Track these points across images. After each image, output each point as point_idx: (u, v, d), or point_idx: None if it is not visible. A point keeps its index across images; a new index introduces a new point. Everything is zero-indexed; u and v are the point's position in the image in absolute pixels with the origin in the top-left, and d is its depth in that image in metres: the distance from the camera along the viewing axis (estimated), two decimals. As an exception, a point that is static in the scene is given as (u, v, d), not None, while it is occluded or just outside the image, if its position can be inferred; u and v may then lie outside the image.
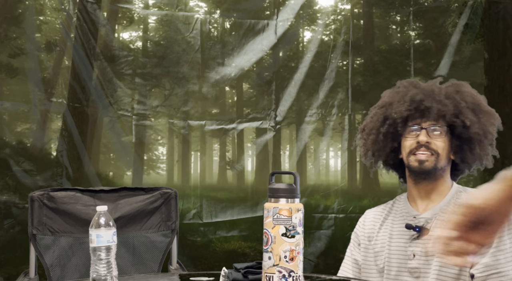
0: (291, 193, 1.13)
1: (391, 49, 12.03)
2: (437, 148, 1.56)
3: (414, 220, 1.58)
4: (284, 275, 1.11)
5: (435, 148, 1.56)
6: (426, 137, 1.55)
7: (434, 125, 1.55)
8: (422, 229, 1.54)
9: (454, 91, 1.56)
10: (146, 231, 2.28)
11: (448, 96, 1.55)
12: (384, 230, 1.64)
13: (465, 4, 7.25)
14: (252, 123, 8.52)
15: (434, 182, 1.58)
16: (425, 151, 1.56)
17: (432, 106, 1.55)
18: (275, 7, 8.49)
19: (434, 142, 1.55)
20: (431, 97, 1.56)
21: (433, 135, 1.55)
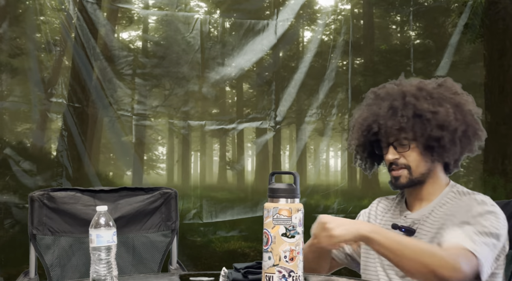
0: (291, 193, 1.13)
1: (391, 49, 12.03)
2: (407, 162, 1.56)
3: (404, 218, 1.60)
4: (284, 275, 1.11)
5: (404, 163, 1.56)
6: (393, 154, 1.56)
7: (398, 139, 1.56)
8: (408, 230, 1.55)
9: (400, 104, 1.55)
10: (146, 231, 2.28)
11: (394, 112, 1.55)
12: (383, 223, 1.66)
13: (465, 4, 7.24)
14: (252, 123, 8.53)
15: (422, 186, 1.59)
16: (396, 167, 1.57)
17: (380, 130, 1.56)
18: (275, 7, 8.49)
19: (402, 156, 1.56)
20: (377, 121, 1.56)
21: (400, 149, 1.56)
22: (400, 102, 1.54)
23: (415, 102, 1.52)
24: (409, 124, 1.51)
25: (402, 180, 1.57)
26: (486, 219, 1.45)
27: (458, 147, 1.52)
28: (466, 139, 1.53)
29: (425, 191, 1.59)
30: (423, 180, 1.57)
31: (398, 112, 1.52)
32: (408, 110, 1.51)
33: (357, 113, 1.66)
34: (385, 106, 1.55)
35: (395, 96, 1.56)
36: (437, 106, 1.51)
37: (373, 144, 1.62)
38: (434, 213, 1.55)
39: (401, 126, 1.52)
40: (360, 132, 1.61)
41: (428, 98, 1.53)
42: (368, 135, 1.59)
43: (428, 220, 1.55)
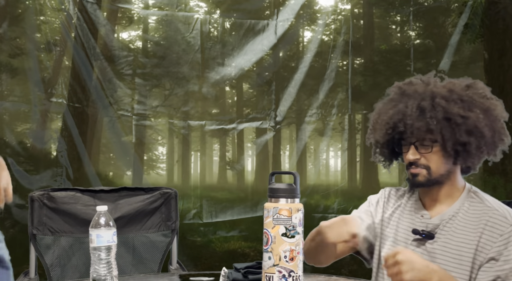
0: (291, 193, 1.13)
1: (391, 49, 12.03)
2: (427, 163, 1.54)
3: (421, 218, 1.57)
4: (284, 275, 1.11)
5: (424, 163, 1.54)
6: (414, 155, 1.54)
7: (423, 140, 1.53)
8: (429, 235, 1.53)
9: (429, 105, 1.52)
10: (146, 231, 2.28)
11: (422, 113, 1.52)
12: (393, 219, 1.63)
13: (465, 4, 7.24)
14: (252, 123, 8.53)
15: (440, 186, 1.56)
16: (416, 167, 1.55)
17: (406, 130, 1.54)
18: (275, 7, 8.49)
19: (423, 157, 1.54)
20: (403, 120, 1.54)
21: (422, 150, 1.54)
22: (429, 102, 1.49)
23: (445, 105, 1.48)
24: (437, 127, 1.47)
25: (420, 178, 1.53)
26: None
27: (484, 153, 1.50)
28: (491, 145, 1.50)
29: (442, 192, 1.55)
30: (441, 181, 1.53)
31: (426, 113, 1.48)
32: (438, 112, 1.47)
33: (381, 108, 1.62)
34: (413, 105, 1.51)
35: (423, 95, 1.52)
36: (467, 111, 1.48)
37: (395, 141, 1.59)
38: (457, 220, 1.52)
39: (429, 127, 1.48)
40: (384, 130, 1.56)
41: (459, 102, 1.49)
42: (393, 133, 1.56)
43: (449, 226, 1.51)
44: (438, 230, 1.52)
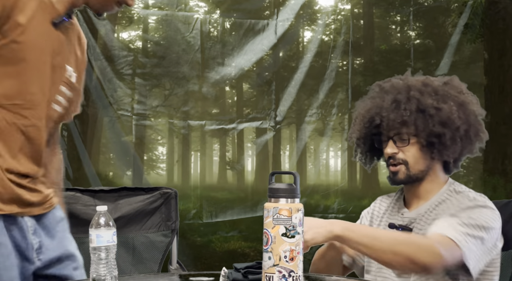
0: (291, 193, 1.13)
1: (391, 49, 12.03)
2: (405, 157, 1.55)
3: (401, 216, 1.60)
4: (284, 275, 1.11)
5: (402, 158, 1.56)
6: (392, 148, 1.56)
7: (399, 134, 1.55)
8: (405, 229, 1.55)
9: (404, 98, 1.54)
10: (146, 231, 2.28)
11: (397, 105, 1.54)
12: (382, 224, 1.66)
13: (465, 4, 7.24)
14: (252, 123, 8.53)
15: (420, 183, 1.58)
16: (394, 161, 1.57)
17: (382, 122, 1.56)
18: (275, 7, 8.50)
19: (401, 151, 1.55)
20: (379, 113, 1.56)
21: (399, 144, 1.56)
22: (404, 95, 1.53)
23: (419, 97, 1.51)
24: (411, 118, 1.51)
25: (400, 175, 1.56)
26: (474, 212, 1.45)
27: (458, 146, 1.52)
28: (467, 139, 1.53)
29: (422, 189, 1.59)
30: (421, 177, 1.56)
31: (401, 106, 1.52)
32: (412, 104, 1.51)
33: (360, 105, 1.66)
34: (389, 99, 1.54)
35: (399, 89, 1.56)
36: (441, 103, 1.51)
37: (373, 137, 1.61)
38: (429, 211, 1.55)
39: (403, 119, 1.51)
40: (362, 124, 1.60)
41: (433, 94, 1.53)
42: (370, 127, 1.59)
43: (424, 218, 1.55)
44: (415, 223, 1.54)
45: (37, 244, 1.48)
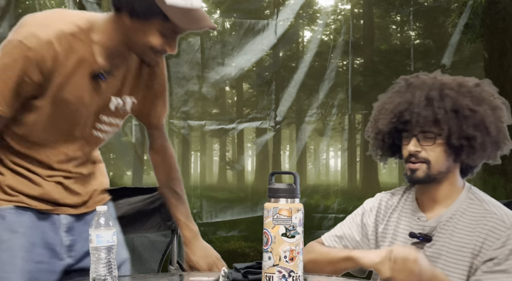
0: (291, 193, 1.13)
1: (391, 49, 12.04)
2: (428, 157, 1.49)
3: (417, 221, 1.55)
4: (284, 275, 1.11)
5: (425, 157, 1.50)
6: (415, 146, 1.50)
7: (424, 132, 1.50)
8: (426, 238, 1.51)
9: (437, 96, 1.49)
10: (146, 231, 2.28)
11: (429, 102, 1.49)
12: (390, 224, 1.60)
13: (465, 4, 7.24)
14: (252, 123, 8.54)
15: (438, 185, 1.52)
16: (416, 160, 1.52)
17: (411, 119, 1.50)
18: (275, 7, 8.50)
19: (424, 150, 1.51)
20: (409, 109, 1.51)
21: (424, 142, 1.51)
22: (438, 93, 1.45)
23: (454, 96, 1.45)
24: (445, 117, 1.43)
25: (419, 174, 1.49)
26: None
27: (486, 151, 1.47)
28: (495, 145, 1.47)
29: (441, 192, 1.52)
30: (440, 179, 1.49)
31: (434, 103, 1.44)
32: (446, 103, 1.44)
33: (385, 99, 1.58)
34: (421, 95, 1.47)
35: (432, 86, 1.48)
36: (476, 105, 1.44)
37: (395, 133, 1.55)
38: (454, 222, 1.49)
39: (436, 117, 1.44)
40: (388, 119, 1.52)
41: (468, 95, 1.46)
42: (397, 123, 1.51)
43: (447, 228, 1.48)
44: (436, 232, 1.48)
45: (69, 242, 1.50)
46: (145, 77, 1.55)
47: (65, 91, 1.39)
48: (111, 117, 1.53)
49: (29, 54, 1.32)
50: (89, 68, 1.40)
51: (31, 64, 1.33)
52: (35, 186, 1.47)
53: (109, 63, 1.43)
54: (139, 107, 1.59)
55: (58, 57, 1.35)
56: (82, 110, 1.45)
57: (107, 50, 1.41)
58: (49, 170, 1.48)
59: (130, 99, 1.54)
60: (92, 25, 1.41)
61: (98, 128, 1.52)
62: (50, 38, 1.34)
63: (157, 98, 1.61)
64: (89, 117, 1.48)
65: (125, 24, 1.37)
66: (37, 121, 1.43)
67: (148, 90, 1.58)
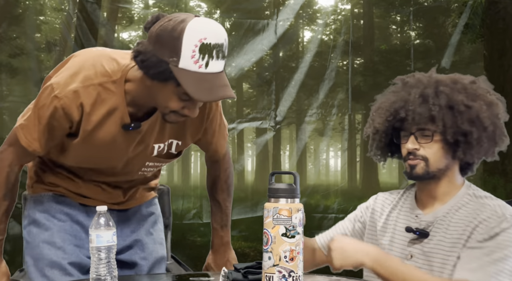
0: (291, 193, 1.13)
1: (391, 49, 12.04)
2: (426, 154, 1.51)
3: (416, 218, 1.56)
4: (284, 275, 1.11)
5: (423, 154, 1.51)
6: (413, 144, 1.51)
7: (422, 129, 1.52)
8: (423, 233, 1.52)
9: (432, 93, 1.51)
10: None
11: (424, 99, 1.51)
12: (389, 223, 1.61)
13: (465, 4, 7.24)
14: (252, 123, 8.54)
15: (437, 182, 1.54)
16: (414, 158, 1.53)
17: (407, 116, 1.52)
18: (275, 7, 8.50)
19: (422, 148, 1.52)
20: (404, 107, 1.52)
21: (422, 140, 1.52)
22: (433, 90, 1.46)
23: (449, 92, 1.46)
24: (440, 114, 1.44)
25: (418, 170, 1.50)
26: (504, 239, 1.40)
27: (484, 146, 1.48)
28: (491, 141, 1.48)
29: (439, 189, 1.53)
30: (439, 176, 1.51)
31: (429, 100, 1.46)
32: (441, 99, 1.45)
33: (381, 99, 1.60)
34: (416, 92, 1.48)
35: (427, 84, 1.50)
36: (471, 101, 1.46)
37: (393, 131, 1.57)
38: (450, 217, 1.50)
39: (431, 114, 1.45)
40: (384, 117, 1.54)
41: (463, 91, 1.48)
42: (393, 121, 1.53)
43: (443, 223, 1.49)
44: (433, 227, 1.50)
45: None
46: (192, 121, 1.48)
47: (95, 138, 1.41)
48: (155, 162, 1.53)
49: (56, 103, 1.36)
50: (119, 118, 1.40)
51: (59, 112, 1.37)
52: (74, 183, 1.55)
53: (140, 113, 1.42)
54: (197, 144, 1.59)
55: (84, 107, 1.37)
56: (118, 157, 1.47)
57: (137, 101, 1.39)
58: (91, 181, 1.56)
59: (175, 142, 1.51)
60: (124, 74, 1.38)
61: (143, 170, 1.55)
62: (78, 88, 1.36)
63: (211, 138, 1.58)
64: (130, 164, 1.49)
65: (147, 81, 1.32)
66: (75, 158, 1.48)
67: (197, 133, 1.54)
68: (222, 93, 1.28)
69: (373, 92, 1.76)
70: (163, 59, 1.25)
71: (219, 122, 1.57)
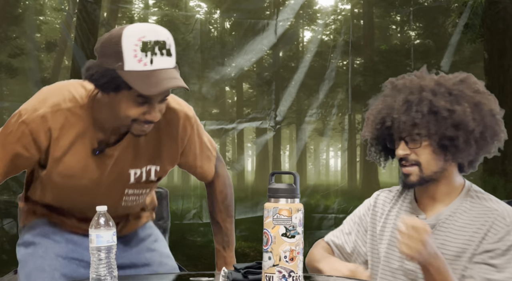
0: (291, 193, 1.13)
1: (391, 49, 12.03)
2: (418, 159, 1.50)
3: None
4: (284, 275, 1.11)
5: (415, 159, 1.51)
6: (404, 150, 1.51)
7: (411, 135, 1.51)
8: None
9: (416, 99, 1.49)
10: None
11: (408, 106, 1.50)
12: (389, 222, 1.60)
13: (465, 4, 7.24)
14: (252, 123, 8.53)
15: (435, 184, 1.53)
16: (406, 163, 1.53)
17: (393, 124, 1.52)
18: (275, 7, 8.50)
19: (414, 153, 1.51)
20: (390, 114, 1.52)
21: (412, 145, 1.52)
22: (417, 96, 1.46)
23: (432, 98, 1.45)
24: (423, 121, 1.45)
25: (413, 178, 1.50)
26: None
27: (473, 148, 1.46)
28: (482, 141, 1.47)
29: (439, 190, 1.52)
30: (436, 178, 1.50)
31: (412, 107, 1.45)
32: (423, 106, 1.45)
33: (373, 104, 1.60)
34: (400, 99, 1.48)
35: (412, 89, 1.49)
36: (455, 105, 1.45)
37: (386, 137, 1.57)
38: (454, 220, 1.48)
39: (414, 121, 1.45)
40: (373, 125, 1.54)
41: (446, 95, 1.47)
42: (382, 128, 1.53)
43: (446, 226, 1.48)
44: (435, 230, 1.49)
45: None
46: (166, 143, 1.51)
47: (66, 166, 1.40)
48: (135, 189, 1.52)
49: (23, 128, 1.36)
50: (89, 143, 1.40)
51: (26, 138, 1.37)
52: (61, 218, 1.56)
53: (112, 139, 1.42)
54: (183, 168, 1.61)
55: (52, 132, 1.37)
56: (92, 184, 1.45)
57: (104, 124, 1.40)
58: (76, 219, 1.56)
59: (153, 167, 1.51)
60: (91, 99, 1.41)
61: (125, 200, 1.53)
62: (45, 113, 1.36)
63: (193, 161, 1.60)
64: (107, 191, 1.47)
65: (104, 98, 1.35)
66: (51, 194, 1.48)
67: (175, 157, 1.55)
68: (169, 84, 1.30)
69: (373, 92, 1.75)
70: (109, 68, 1.28)
71: (199, 145, 1.59)
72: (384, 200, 1.65)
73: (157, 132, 1.47)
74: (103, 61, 1.31)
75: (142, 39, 1.28)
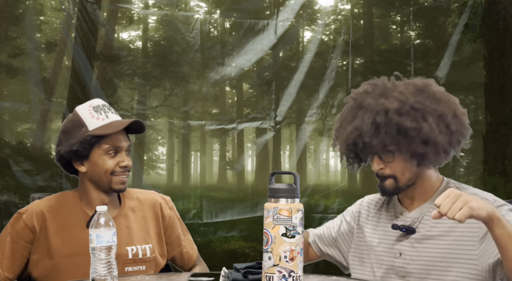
0: (291, 193, 1.13)
1: (391, 49, 12.02)
2: (392, 172, 1.54)
3: (401, 216, 1.58)
4: (284, 275, 1.11)
5: (389, 173, 1.55)
6: (378, 164, 1.55)
7: (383, 152, 1.54)
8: (408, 230, 1.54)
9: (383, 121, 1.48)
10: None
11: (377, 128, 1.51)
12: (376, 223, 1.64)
13: (465, 4, 7.24)
14: (252, 123, 8.53)
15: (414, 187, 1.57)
16: (382, 176, 1.56)
17: (364, 147, 1.55)
18: (275, 7, 8.50)
19: (388, 167, 1.55)
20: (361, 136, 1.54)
21: (385, 159, 1.55)
22: (383, 118, 1.50)
23: (398, 119, 1.49)
24: (393, 141, 1.50)
25: (389, 188, 1.56)
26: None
27: (442, 155, 1.51)
28: (450, 147, 1.52)
29: (417, 191, 1.57)
30: (411, 183, 1.55)
31: (381, 129, 1.50)
32: (391, 127, 1.49)
33: (340, 119, 1.63)
34: (368, 122, 1.52)
35: (377, 109, 1.53)
36: (421, 121, 1.49)
37: (359, 153, 1.61)
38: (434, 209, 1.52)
39: (384, 143, 1.51)
40: (345, 145, 1.59)
41: (411, 113, 1.50)
42: (354, 149, 1.59)
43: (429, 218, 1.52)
44: (419, 224, 1.53)
45: None
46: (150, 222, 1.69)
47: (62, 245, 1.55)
48: (134, 266, 1.63)
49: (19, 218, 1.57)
50: (83, 220, 1.57)
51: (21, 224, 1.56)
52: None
53: None
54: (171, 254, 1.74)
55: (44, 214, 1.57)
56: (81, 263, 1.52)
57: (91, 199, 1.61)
58: None
59: (147, 246, 1.66)
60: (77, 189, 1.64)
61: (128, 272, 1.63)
62: (40, 203, 1.61)
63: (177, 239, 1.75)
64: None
65: (82, 168, 1.58)
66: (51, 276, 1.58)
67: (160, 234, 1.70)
68: (127, 122, 1.60)
69: (373, 92, 1.75)
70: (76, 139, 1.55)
71: (180, 225, 1.77)
72: (368, 203, 1.72)
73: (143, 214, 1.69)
74: (69, 138, 1.57)
75: (93, 105, 1.60)
